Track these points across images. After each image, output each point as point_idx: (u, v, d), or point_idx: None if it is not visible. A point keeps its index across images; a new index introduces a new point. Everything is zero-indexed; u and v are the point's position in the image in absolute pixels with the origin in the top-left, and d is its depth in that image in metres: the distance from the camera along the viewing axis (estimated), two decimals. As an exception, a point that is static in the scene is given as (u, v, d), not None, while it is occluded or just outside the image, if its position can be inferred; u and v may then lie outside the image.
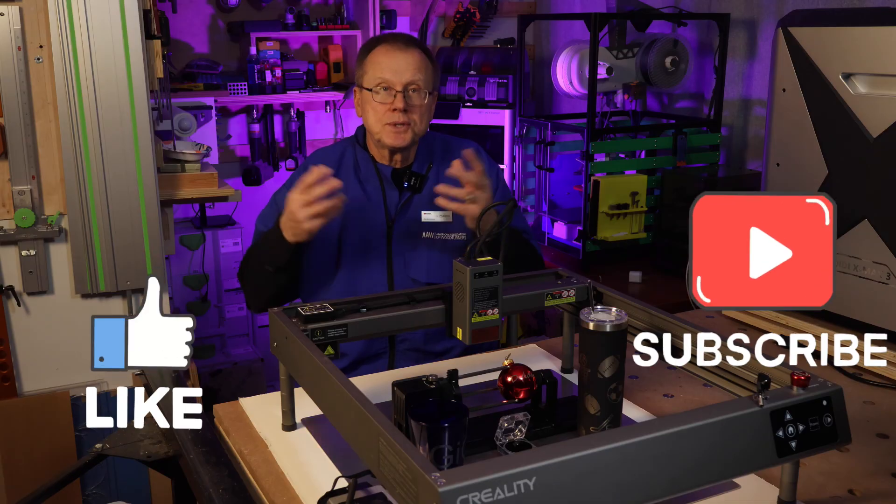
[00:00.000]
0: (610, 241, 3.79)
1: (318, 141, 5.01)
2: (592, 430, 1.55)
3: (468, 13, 5.11)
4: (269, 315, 1.70)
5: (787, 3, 3.65)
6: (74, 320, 2.91)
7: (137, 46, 2.72)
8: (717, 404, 1.28)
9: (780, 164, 2.27)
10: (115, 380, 2.99)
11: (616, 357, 1.52)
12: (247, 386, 4.40)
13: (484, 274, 1.61)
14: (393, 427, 1.20)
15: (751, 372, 1.44)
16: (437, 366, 2.10)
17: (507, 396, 1.68)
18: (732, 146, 4.06)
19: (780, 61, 2.22)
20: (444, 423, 1.41)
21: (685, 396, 1.92)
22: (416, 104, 2.38)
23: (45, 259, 2.83)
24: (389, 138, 2.38)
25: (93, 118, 2.70)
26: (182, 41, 4.61)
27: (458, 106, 4.71)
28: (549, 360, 2.12)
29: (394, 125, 2.36)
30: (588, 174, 3.76)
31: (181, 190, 3.03)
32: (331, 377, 1.39)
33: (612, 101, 4.07)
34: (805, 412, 1.30)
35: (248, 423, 1.80)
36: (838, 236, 2.11)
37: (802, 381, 1.32)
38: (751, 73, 3.94)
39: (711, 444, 1.23)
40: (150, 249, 2.84)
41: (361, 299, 1.74)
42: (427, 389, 1.54)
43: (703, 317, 2.49)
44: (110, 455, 1.90)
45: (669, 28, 4.19)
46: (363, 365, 2.43)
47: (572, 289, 1.85)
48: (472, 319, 1.63)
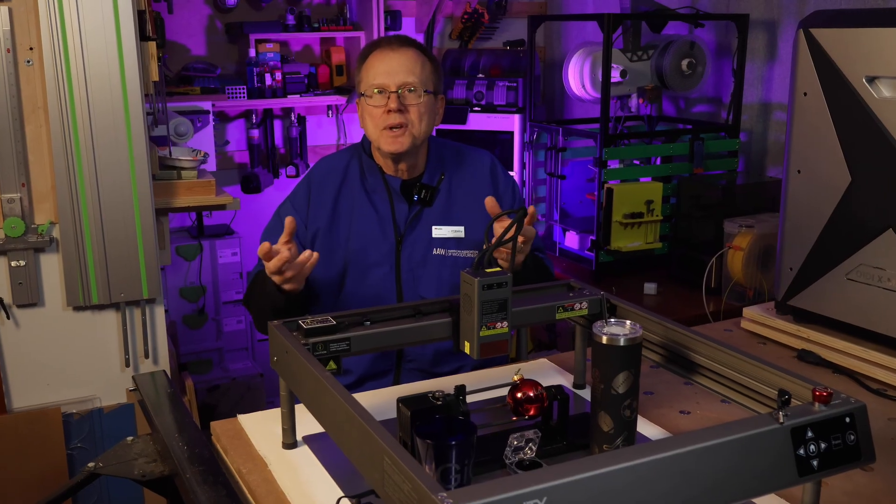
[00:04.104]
0: (624, 251, 3.80)
1: (320, 147, 5.02)
2: (606, 448, 1.55)
3: (476, 14, 5.12)
4: (268, 328, 1.71)
5: (809, 4, 3.65)
6: (66, 334, 2.91)
7: (132, 48, 2.72)
8: (736, 421, 1.28)
9: (801, 171, 2.27)
10: (107, 395, 2.99)
11: (630, 372, 1.52)
12: (246, 402, 4.41)
13: (493, 285, 1.61)
14: (398, 445, 1.21)
15: (770, 387, 1.45)
16: (444, 381, 2.10)
17: (517, 413, 1.68)
18: (752, 152, 4.06)
19: (802, 64, 2.23)
20: (452, 441, 1.41)
21: (702, 413, 1.92)
22: (413, 104, 2.36)
23: (36, 270, 2.84)
24: (387, 144, 2.37)
25: (85, 123, 2.71)
26: (178, 43, 4.63)
27: (466, 110, 4.72)
28: (561, 376, 2.12)
29: (390, 129, 2.35)
30: (601, 181, 3.77)
31: (177, 198, 3.03)
32: (333, 393, 1.40)
33: (627, 105, 4.07)
34: (827, 429, 1.30)
35: (247, 440, 1.81)
36: (861, 246, 2.12)
37: (824, 397, 1.32)
38: (771, 77, 3.94)
39: (730, 462, 1.23)
40: (144, 260, 2.85)
41: (365, 312, 1.74)
42: (433, 406, 1.55)
43: (721, 330, 2.49)
44: (103, 474, 1.91)
45: (686, 29, 4.20)
46: (367, 383, 2.42)
47: (585, 301, 1.85)
48: (481, 333, 1.63)
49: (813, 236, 2.24)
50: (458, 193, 2.49)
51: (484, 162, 2.56)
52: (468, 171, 2.53)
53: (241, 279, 4.58)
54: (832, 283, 2.22)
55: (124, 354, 2.96)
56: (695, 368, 1.64)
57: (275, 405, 1.80)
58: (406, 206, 2.46)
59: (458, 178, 2.52)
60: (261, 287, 2.31)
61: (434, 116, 2.45)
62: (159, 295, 2.95)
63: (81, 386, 2.97)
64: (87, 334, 2.94)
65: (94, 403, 2.99)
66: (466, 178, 2.52)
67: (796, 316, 2.34)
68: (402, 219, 2.46)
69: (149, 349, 2.99)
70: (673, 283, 3.70)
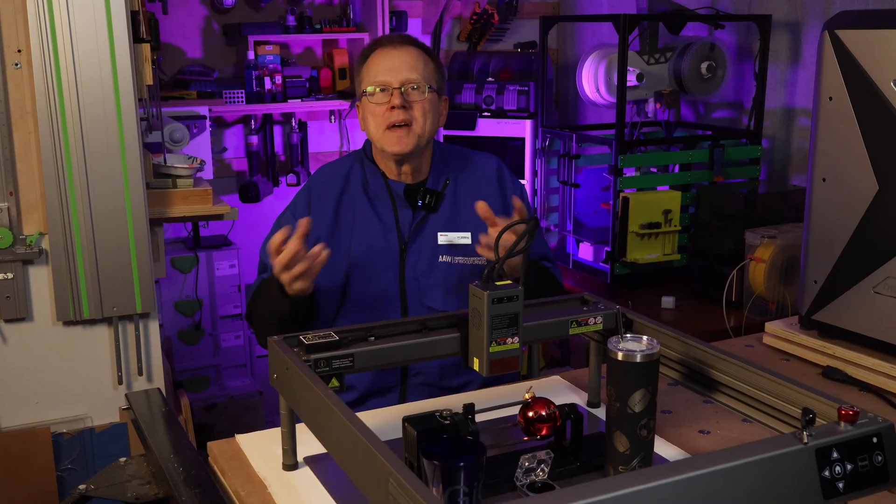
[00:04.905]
0: (640, 263, 3.80)
1: (322, 154, 5.03)
2: (621, 469, 1.55)
3: (486, 14, 5.13)
4: (268, 344, 1.71)
5: (835, 4, 3.66)
6: (56, 350, 2.92)
7: (125, 51, 2.73)
8: (758, 441, 1.28)
9: (826, 180, 2.27)
10: (99, 414, 2.99)
11: (647, 390, 1.52)
12: (244, 421, 4.41)
13: (503, 299, 1.62)
14: (403, 467, 1.21)
15: (794, 406, 1.45)
16: (452, 399, 2.10)
17: (529, 433, 1.69)
18: (774, 160, 4.06)
19: (827, 67, 2.23)
20: (460, 463, 1.42)
21: (722, 433, 1.92)
22: (417, 101, 2.38)
23: (24, 283, 2.84)
24: (391, 144, 2.38)
25: (76, 129, 2.71)
26: (173, 45, 4.65)
27: (475, 116, 4.73)
28: (574, 394, 2.12)
29: (393, 128, 2.36)
30: (617, 190, 3.77)
31: (172, 207, 3.04)
32: (336, 412, 1.40)
33: (643, 110, 4.08)
34: (853, 450, 1.30)
35: (246, 461, 1.81)
36: (889, 258, 2.12)
37: (850, 416, 1.32)
38: (794, 80, 3.95)
39: (751, 485, 1.23)
40: (138, 272, 2.86)
41: (369, 326, 1.75)
42: (441, 425, 1.55)
43: (743, 346, 2.49)
44: (95, 497, 1.91)
45: (706, 31, 4.21)
46: (372, 399, 2.43)
47: (599, 315, 1.85)
48: (491, 349, 1.63)
49: (839, 248, 2.24)
50: (464, 198, 2.50)
51: (490, 165, 2.57)
52: (474, 174, 2.54)
53: (240, 292, 4.58)
54: (859, 296, 2.21)
55: (117, 371, 2.97)
56: (715, 386, 1.65)
57: (275, 424, 1.80)
58: (410, 213, 2.47)
59: (463, 183, 2.52)
60: (264, 296, 2.31)
61: (438, 116, 2.47)
62: (154, 309, 2.96)
63: (72, 404, 2.97)
64: (78, 350, 2.94)
65: (86, 423, 2.99)
66: (472, 182, 2.53)
67: (821, 331, 2.34)
68: (406, 225, 2.47)
69: (142, 366, 3.00)
70: (692, 297, 3.70)
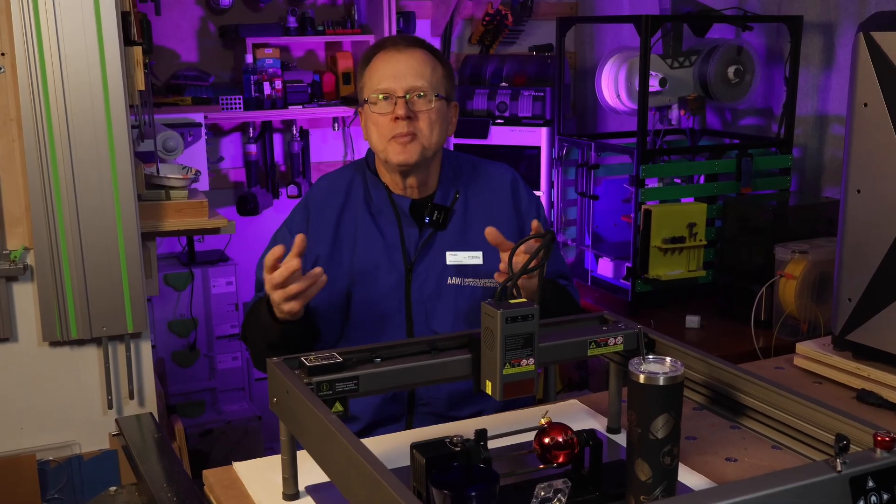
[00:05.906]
0: (663, 280, 3.80)
1: (325, 164, 5.03)
2: (643, 499, 1.55)
3: (499, 15, 5.14)
4: (267, 366, 1.71)
5: (870, 4, 3.66)
6: (42, 372, 2.91)
7: (115, 54, 2.73)
8: (788, 469, 1.29)
9: (861, 191, 2.27)
10: (88, 441, 2.99)
11: (671, 415, 1.53)
12: (242, 448, 4.41)
13: (517, 318, 1.62)
14: (412, 496, 1.22)
15: (827, 432, 1.45)
16: (463, 425, 2.10)
17: (545, 460, 1.69)
18: (806, 170, 4.06)
19: (862, 71, 2.23)
20: (472, 492, 1.42)
21: (751, 460, 1.92)
22: (422, 110, 2.36)
23: (8, 301, 2.84)
24: (394, 154, 2.35)
25: (63, 137, 2.71)
26: (167, 48, 4.66)
27: (488, 123, 4.74)
28: (593, 419, 2.12)
29: (397, 138, 2.34)
30: (638, 202, 3.77)
31: (166, 221, 3.05)
32: (339, 438, 1.40)
33: (667, 117, 4.08)
34: (890, 479, 1.30)
35: (244, 491, 1.82)
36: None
37: (887, 443, 1.32)
38: (827, 86, 3.95)
39: (781, 516, 1.24)
40: (129, 290, 2.86)
41: (374, 348, 1.75)
42: (451, 452, 1.55)
43: (772, 368, 2.49)
44: (84, 527, 1.92)
45: (733, 33, 4.21)
46: (377, 430, 2.40)
47: (620, 335, 1.86)
48: (504, 371, 1.64)
49: (874, 263, 2.24)
50: (475, 214, 2.48)
51: (504, 177, 2.55)
52: (486, 187, 2.52)
53: (237, 311, 4.58)
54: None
55: (107, 395, 2.97)
56: (743, 411, 1.65)
57: (274, 451, 1.80)
58: (416, 230, 2.45)
59: (474, 197, 2.50)
60: (255, 317, 2.31)
61: (446, 125, 2.44)
62: (146, 329, 2.96)
63: (59, 430, 2.97)
64: (66, 372, 2.94)
65: (73, 450, 2.99)
66: (484, 196, 2.51)
67: (856, 352, 2.34)
68: (412, 244, 2.45)
69: (134, 389, 3.00)
70: (718, 316, 3.69)
